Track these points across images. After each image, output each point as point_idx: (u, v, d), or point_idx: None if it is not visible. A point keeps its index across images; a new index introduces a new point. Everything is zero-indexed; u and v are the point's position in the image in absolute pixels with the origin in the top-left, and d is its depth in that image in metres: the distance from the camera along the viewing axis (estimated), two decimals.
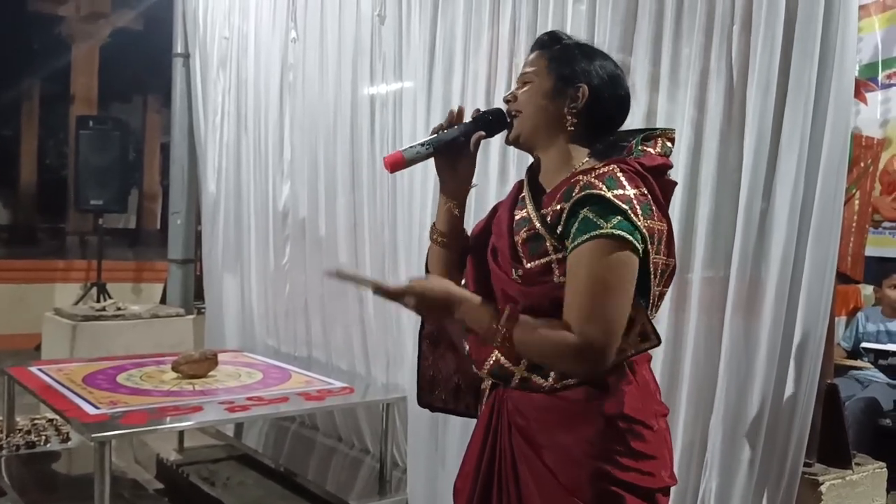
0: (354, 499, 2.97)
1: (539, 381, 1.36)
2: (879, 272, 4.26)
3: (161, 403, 2.71)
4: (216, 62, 4.67)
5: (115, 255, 8.82)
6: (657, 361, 2.25)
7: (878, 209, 4.56)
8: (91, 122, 6.55)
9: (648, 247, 1.30)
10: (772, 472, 2.12)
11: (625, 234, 1.26)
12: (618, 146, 1.44)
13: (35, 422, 3.74)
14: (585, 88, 1.41)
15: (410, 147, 1.44)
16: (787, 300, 2.09)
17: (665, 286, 1.42)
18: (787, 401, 2.11)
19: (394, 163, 1.42)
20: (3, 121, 13.73)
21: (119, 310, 4.79)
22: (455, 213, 1.51)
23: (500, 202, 1.56)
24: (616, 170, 1.32)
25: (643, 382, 1.38)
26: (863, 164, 4.28)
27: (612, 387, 1.34)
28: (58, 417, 3.31)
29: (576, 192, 1.30)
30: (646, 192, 1.32)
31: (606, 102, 1.43)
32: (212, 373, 3.19)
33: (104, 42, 10.51)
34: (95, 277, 6.54)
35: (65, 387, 2.89)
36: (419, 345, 1.63)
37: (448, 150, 1.45)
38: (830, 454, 2.28)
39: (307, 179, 3.87)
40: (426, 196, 2.98)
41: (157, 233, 12.48)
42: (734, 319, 2.16)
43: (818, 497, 2.19)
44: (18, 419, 3.59)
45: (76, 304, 6.05)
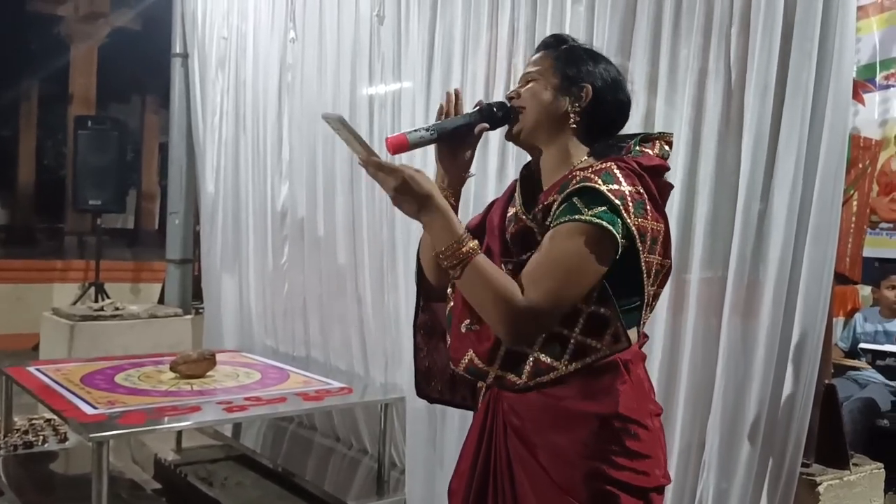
0: (352, 499, 2.97)
1: (513, 379, 1.36)
2: (877, 273, 4.27)
3: (159, 403, 2.71)
4: (215, 62, 4.67)
5: (114, 255, 8.81)
6: (655, 362, 2.26)
7: (876, 210, 4.56)
8: (89, 123, 6.55)
9: (637, 244, 1.29)
10: (770, 473, 2.12)
11: (604, 224, 1.26)
12: (616, 147, 1.45)
13: (33, 422, 3.74)
14: (590, 89, 1.41)
15: (415, 131, 1.41)
16: (785, 301, 2.09)
17: (660, 287, 1.42)
18: (785, 401, 2.11)
19: (397, 145, 1.38)
20: (2, 121, 13.73)
21: (117, 310, 4.79)
22: (450, 202, 1.50)
23: (496, 199, 1.56)
24: (613, 167, 1.33)
25: (637, 382, 1.38)
26: (861, 166, 4.29)
27: (607, 386, 1.34)
28: (56, 417, 3.31)
29: (571, 185, 1.31)
30: (641, 191, 1.32)
31: (608, 105, 1.44)
32: (210, 373, 3.19)
33: (102, 42, 10.51)
34: (93, 277, 6.54)
35: (63, 387, 2.89)
36: (414, 336, 1.62)
37: (450, 138, 1.45)
38: (828, 455, 2.29)
39: (306, 179, 3.87)
40: None
41: (156, 233, 12.47)
42: (732, 320, 2.16)
43: (816, 497, 2.19)
44: (16, 419, 3.59)
45: (74, 304, 6.05)
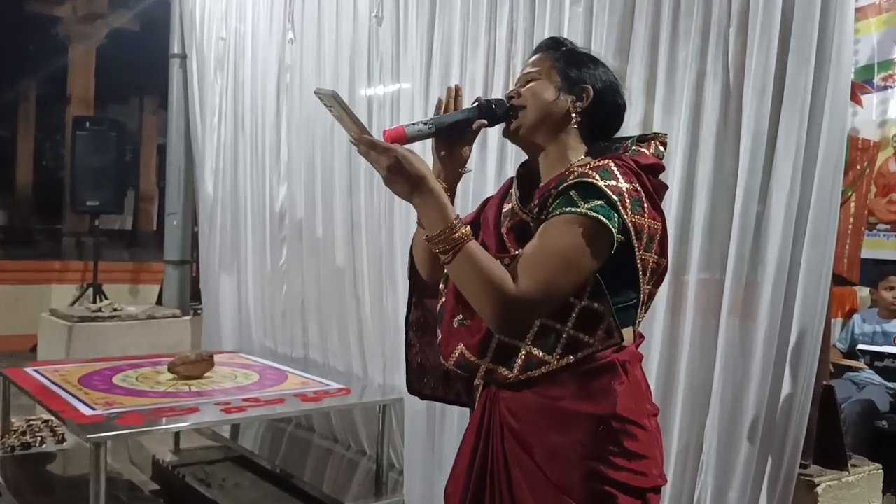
0: (350, 500, 2.97)
1: (504, 373, 1.36)
2: (875, 274, 4.27)
3: (157, 404, 2.71)
4: (213, 63, 4.67)
5: (112, 257, 8.81)
6: (653, 363, 2.26)
7: (874, 211, 4.56)
8: (88, 123, 6.55)
9: (633, 241, 1.30)
10: (768, 474, 2.12)
11: (600, 217, 1.26)
12: (613, 148, 1.45)
13: (30, 423, 3.74)
14: (591, 90, 1.43)
15: (413, 124, 1.41)
16: (784, 302, 2.09)
17: (656, 286, 1.43)
18: (784, 402, 2.11)
19: (395, 138, 1.38)
20: (0, 122, 13.71)
21: (115, 311, 4.79)
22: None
23: (490, 197, 1.56)
24: (611, 164, 1.33)
25: (635, 382, 1.38)
26: (859, 167, 4.29)
27: (605, 387, 1.34)
28: (53, 418, 3.32)
29: (569, 180, 1.32)
30: (638, 188, 1.32)
31: (606, 107, 1.45)
32: (208, 374, 3.19)
33: (101, 43, 10.51)
34: (91, 278, 6.54)
35: (61, 388, 2.89)
36: (406, 333, 1.62)
37: (448, 133, 1.44)
38: (827, 456, 2.28)
39: (304, 181, 3.86)
40: None
41: (154, 234, 12.46)
42: (730, 321, 2.16)
43: (814, 498, 2.19)
44: (14, 420, 3.59)
45: (72, 305, 6.05)
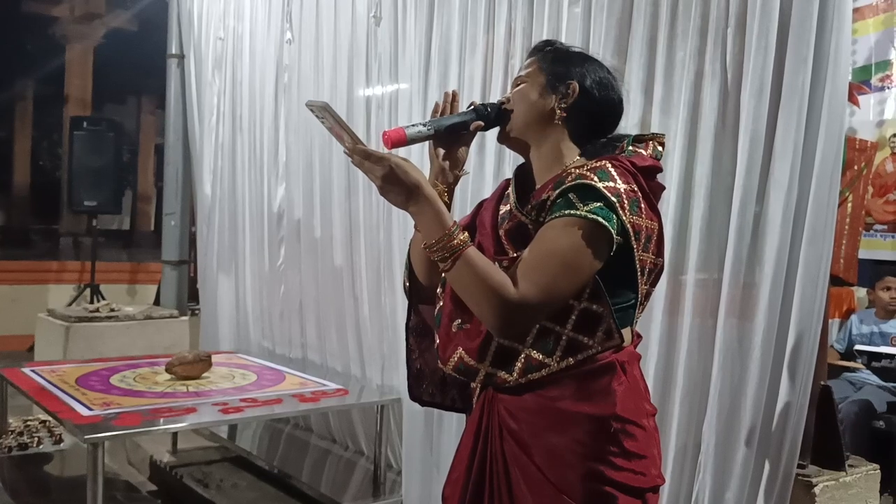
0: (348, 501, 2.96)
1: (504, 377, 1.36)
2: (872, 275, 4.28)
3: (155, 405, 2.71)
4: (211, 63, 4.67)
5: (109, 257, 8.81)
6: (651, 363, 2.26)
7: (870, 212, 4.57)
8: (85, 124, 6.55)
9: (632, 242, 1.30)
10: (766, 474, 2.12)
11: (599, 219, 1.26)
12: (610, 146, 1.45)
13: (28, 423, 3.73)
14: (576, 85, 1.42)
15: (412, 126, 1.41)
16: (781, 302, 2.10)
17: (652, 286, 1.43)
18: (781, 403, 2.11)
19: (395, 139, 1.37)
20: None
21: (112, 311, 4.78)
22: (443, 199, 1.49)
23: (485, 199, 1.56)
24: (608, 165, 1.33)
25: (633, 382, 1.38)
26: (856, 167, 4.30)
27: (605, 387, 1.34)
28: (51, 419, 3.31)
29: (567, 182, 1.31)
30: (636, 189, 1.32)
31: (597, 103, 1.44)
32: (206, 374, 3.18)
33: (98, 43, 10.51)
34: (89, 279, 6.53)
35: (58, 388, 2.88)
36: (406, 338, 1.62)
37: (446, 135, 1.45)
38: (824, 456, 2.29)
39: (302, 181, 3.86)
40: None
41: (151, 234, 12.46)
42: (728, 321, 2.17)
43: (812, 498, 2.19)
44: (11, 420, 3.58)
45: (69, 306, 6.04)
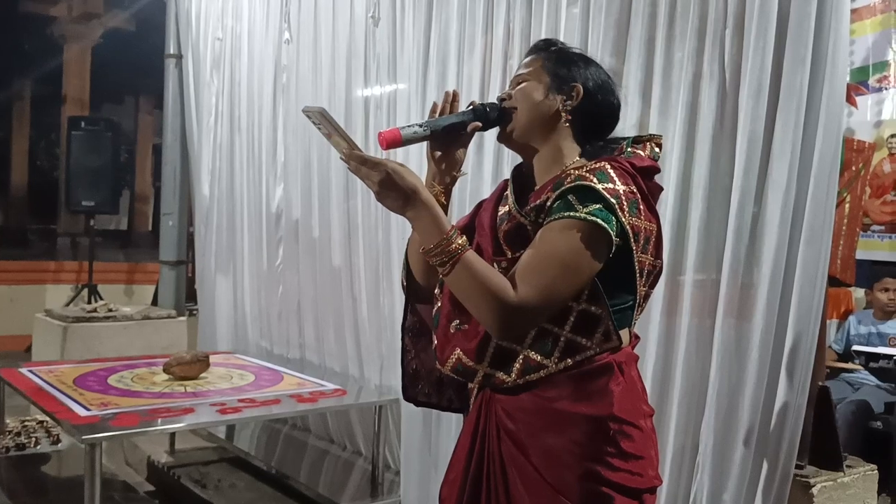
0: (346, 501, 2.97)
1: (502, 377, 1.36)
2: (870, 275, 4.28)
3: (152, 405, 2.70)
4: (209, 63, 4.67)
5: (107, 257, 8.78)
6: (649, 364, 2.26)
7: (868, 212, 4.57)
8: (83, 123, 6.53)
9: (631, 243, 1.30)
10: (763, 475, 2.13)
11: (599, 221, 1.26)
12: (608, 149, 1.46)
13: (25, 424, 3.72)
14: (580, 87, 1.42)
15: (408, 126, 1.41)
16: (779, 303, 2.10)
17: (651, 287, 1.43)
18: (779, 403, 2.12)
19: (390, 140, 1.37)
20: None
21: (110, 311, 4.77)
22: (440, 201, 1.48)
23: (483, 200, 1.55)
24: (607, 166, 1.33)
25: (631, 383, 1.38)
26: (854, 168, 4.30)
27: (602, 388, 1.34)
28: (48, 419, 3.30)
29: (566, 183, 1.31)
30: (635, 191, 1.33)
31: (599, 106, 1.44)
32: (203, 374, 3.18)
33: (96, 43, 10.47)
34: (86, 279, 6.52)
35: (55, 388, 2.87)
36: (402, 338, 1.62)
37: (443, 136, 1.44)
38: (822, 456, 2.29)
39: (301, 181, 3.86)
40: None
41: (149, 234, 12.43)
42: (726, 322, 2.17)
43: (809, 499, 2.20)
44: (8, 421, 3.58)
45: (67, 306, 6.03)
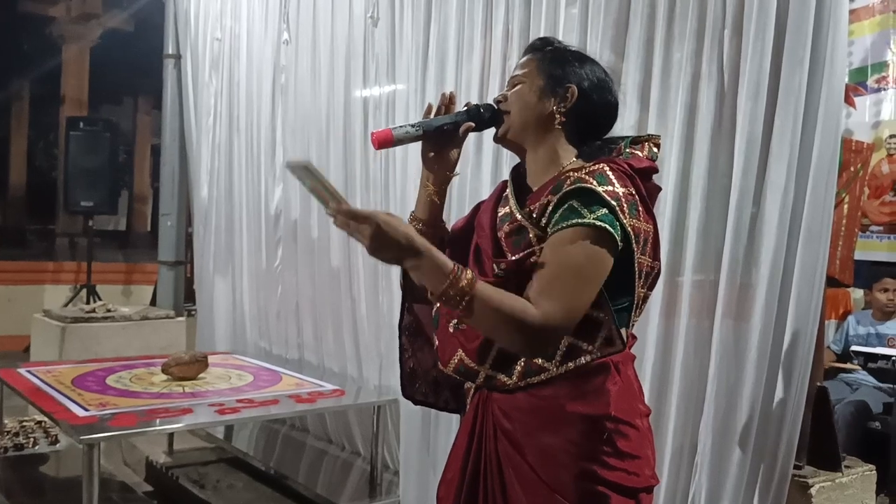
0: (345, 502, 2.96)
1: (504, 380, 1.36)
2: (869, 276, 4.29)
3: (151, 405, 2.70)
4: (208, 64, 4.66)
5: (105, 257, 8.78)
6: (648, 364, 2.26)
7: (867, 213, 4.58)
8: (81, 124, 6.52)
9: (633, 245, 1.30)
10: (762, 475, 2.13)
11: (607, 227, 1.26)
12: (606, 149, 1.46)
13: (23, 424, 3.72)
14: (574, 88, 1.41)
15: (400, 126, 1.42)
16: (778, 304, 2.10)
17: (650, 289, 1.43)
18: (777, 403, 2.12)
19: (381, 140, 1.39)
20: None
21: (109, 312, 4.77)
22: (434, 201, 1.51)
23: (482, 201, 1.56)
24: (606, 168, 1.33)
25: (627, 382, 1.39)
26: (853, 169, 4.30)
27: (598, 387, 1.34)
28: (46, 419, 3.30)
29: (566, 186, 1.31)
30: (633, 192, 1.33)
31: (595, 106, 1.44)
32: (202, 375, 3.17)
33: (95, 43, 10.47)
34: (85, 279, 6.52)
35: (54, 389, 2.87)
36: (399, 337, 1.62)
37: (436, 136, 1.45)
38: (820, 457, 2.29)
39: (299, 181, 3.85)
40: None
41: (148, 235, 12.43)
42: (724, 323, 2.17)
43: (808, 499, 2.20)
44: (7, 421, 3.57)
45: (65, 306, 6.02)
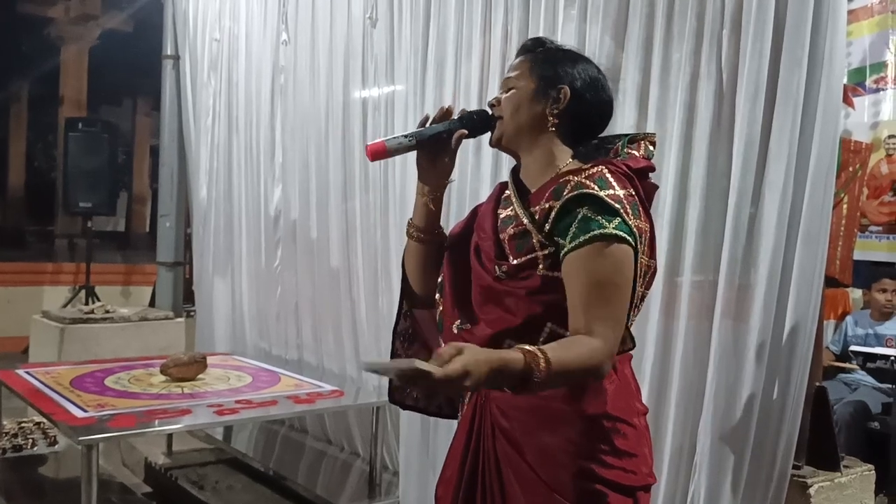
0: (344, 502, 2.96)
1: None
2: (867, 276, 4.29)
3: (149, 406, 2.70)
4: (207, 64, 4.66)
5: (104, 258, 8.79)
6: (647, 364, 2.26)
7: (865, 213, 4.58)
8: (80, 125, 6.53)
9: (638, 246, 1.31)
10: (761, 475, 2.13)
11: (626, 236, 1.28)
12: (603, 148, 1.46)
13: (22, 425, 3.72)
14: (567, 90, 1.41)
15: (394, 138, 1.44)
16: (776, 304, 2.10)
17: (647, 287, 1.43)
18: (776, 403, 2.12)
19: (375, 152, 1.42)
20: None
21: (107, 313, 4.77)
22: (431, 208, 1.51)
23: (479, 204, 1.56)
24: (605, 171, 1.34)
25: (625, 381, 1.39)
26: (851, 169, 4.30)
27: (596, 386, 1.34)
28: (45, 421, 3.30)
29: (567, 192, 1.31)
30: (633, 193, 1.33)
31: (588, 105, 1.43)
32: (201, 376, 3.17)
33: (93, 44, 10.48)
34: (84, 280, 6.51)
35: (52, 390, 2.87)
36: (392, 342, 1.63)
37: (430, 145, 1.46)
38: (819, 457, 2.29)
39: (299, 182, 3.86)
40: None
41: (146, 236, 12.44)
42: (723, 323, 2.17)
43: (807, 499, 2.20)
44: (5, 422, 3.57)
45: (64, 307, 6.01)
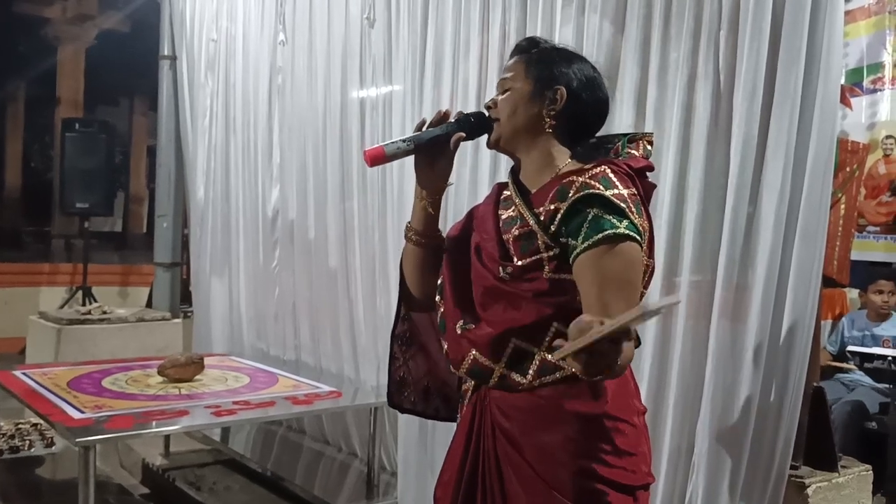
0: (342, 503, 2.96)
1: (517, 379, 1.37)
2: (865, 277, 4.29)
3: (147, 408, 2.70)
4: (204, 65, 4.66)
5: (101, 259, 8.77)
6: (645, 364, 2.26)
7: (863, 214, 4.58)
8: (77, 125, 6.53)
9: (643, 244, 1.32)
10: (758, 475, 2.13)
11: (635, 235, 1.29)
12: (601, 148, 1.46)
13: (19, 426, 3.71)
14: (563, 90, 1.41)
15: (392, 142, 1.45)
16: (774, 304, 2.10)
17: (645, 287, 1.43)
18: (774, 403, 2.12)
19: (374, 157, 1.43)
20: None
21: (105, 313, 4.77)
22: (429, 212, 1.52)
23: (477, 205, 1.57)
24: (608, 171, 1.34)
25: (623, 380, 1.40)
26: (849, 169, 4.30)
27: (596, 385, 1.34)
28: (42, 422, 3.29)
29: (572, 193, 1.32)
30: (635, 192, 1.34)
31: (585, 105, 1.44)
32: (198, 377, 3.17)
33: (90, 44, 10.45)
34: (81, 281, 6.51)
35: (49, 391, 2.87)
36: (391, 345, 1.64)
37: (428, 148, 1.47)
38: (817, 457, 2.29)
39: (296, 182, 3.86)
40: None
41: (144, 236, 12.40)
42: (721, 323, 2.17)
43: (804, 499, 2.20)
44: (2, 423, 3.57)
45: (61, 308, 6.01)
